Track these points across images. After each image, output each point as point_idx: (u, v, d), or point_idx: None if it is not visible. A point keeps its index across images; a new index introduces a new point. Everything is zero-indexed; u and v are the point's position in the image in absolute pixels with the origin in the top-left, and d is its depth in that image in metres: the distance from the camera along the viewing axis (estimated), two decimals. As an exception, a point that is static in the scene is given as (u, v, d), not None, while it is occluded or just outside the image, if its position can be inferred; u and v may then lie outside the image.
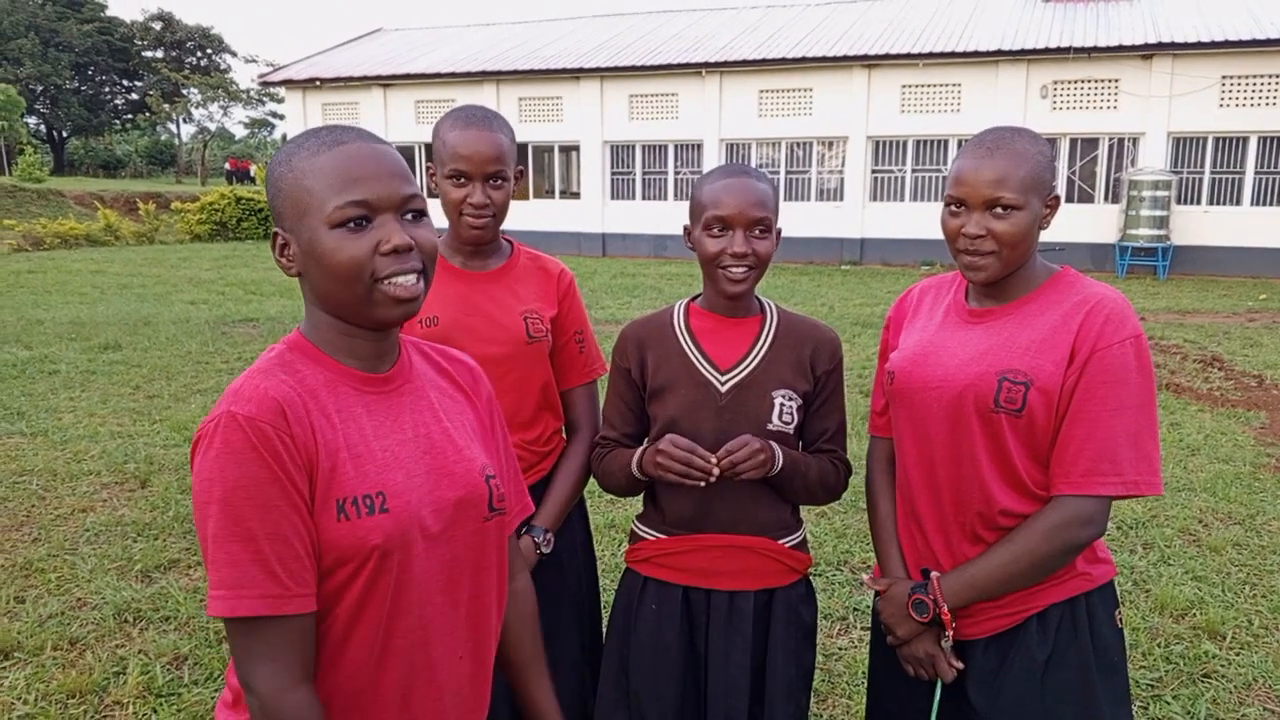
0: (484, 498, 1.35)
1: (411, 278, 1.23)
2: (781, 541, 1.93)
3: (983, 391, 1.68)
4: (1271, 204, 17.36)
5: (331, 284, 1.22)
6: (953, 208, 1.72)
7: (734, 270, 1.83)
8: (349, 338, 1.28)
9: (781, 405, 1.87)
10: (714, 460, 1.75)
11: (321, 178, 1.20)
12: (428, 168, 2.09)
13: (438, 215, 2.06)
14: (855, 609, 3.79)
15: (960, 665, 1.76)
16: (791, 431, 1.90)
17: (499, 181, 2.00)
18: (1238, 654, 3.45)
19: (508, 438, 1.52)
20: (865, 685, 2.56)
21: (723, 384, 1.88)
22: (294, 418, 1.18)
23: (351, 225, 1.19)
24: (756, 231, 1.82)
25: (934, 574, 1.77)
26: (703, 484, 1.77)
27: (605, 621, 2.23)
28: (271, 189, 1.26)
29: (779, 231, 1.89)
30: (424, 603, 1.27)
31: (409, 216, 1.24)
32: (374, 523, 1.20)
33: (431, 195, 2.00)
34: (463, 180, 1.98)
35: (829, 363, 1.93)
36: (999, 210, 1.65)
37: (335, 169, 1.20)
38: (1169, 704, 3.12)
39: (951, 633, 1.74)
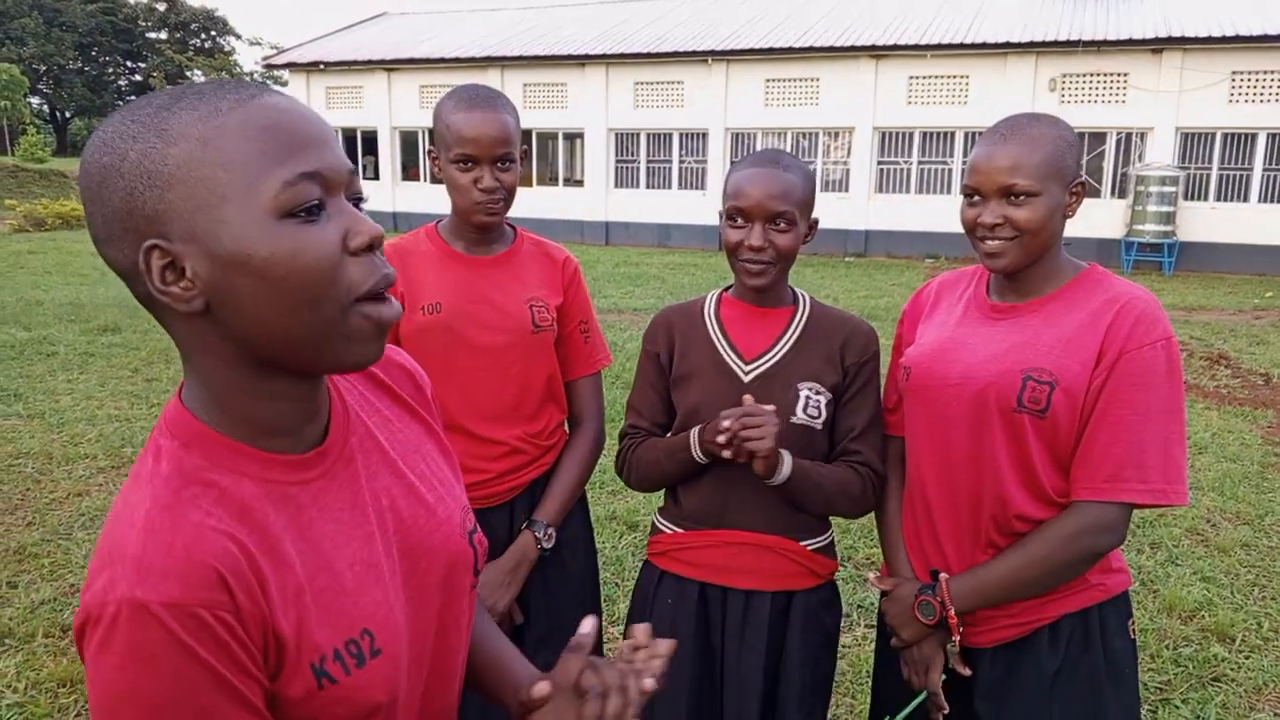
0: (469, 563, 1.01)
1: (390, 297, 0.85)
2: (804, 543, 1.86)
3: (1005, 390, 1.62)
4: (1279, 201, 17.26)
5: (283, 309, 0.79)
6: (970, 198, 1.66)
7: (751, 264, 1.78)
8: (265, 400, 0.85)
9: (808, 398, 1.81)
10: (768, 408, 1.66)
11: (245, 144, 0.77)
12: (430, 151, 2.03)
13: (435, 199, 2.01)
14: (859, 606, 3.74)
15: (968, 671, 1.71)
16: (820, 427, 1.83)
17: (507, 164, 1.94)
18: (1247, 657, 3.40)
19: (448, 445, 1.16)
20: (869, 684, 2.51)
21: (746, 373, 1.83)
22: (238, 580, 0.78)
23: (303, 214, 0.79)
24: (779, 224, 1.76)
25: (942, 575, 1.72)
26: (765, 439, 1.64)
27: (603, 617, 2.18)
28: (126, 182, 0.77)
29: (815, 222, 1.83)
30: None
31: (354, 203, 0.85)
32: (369, 674, 0.85)
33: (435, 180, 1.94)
34: (470, 164, 1.91)
35: (861, 354, 1.86)
36: (1015, 198, 1.59)
37: (267, 130, 0.78)
38: (1178, 708, 3.07)
39: (959, 638, 1.69)
